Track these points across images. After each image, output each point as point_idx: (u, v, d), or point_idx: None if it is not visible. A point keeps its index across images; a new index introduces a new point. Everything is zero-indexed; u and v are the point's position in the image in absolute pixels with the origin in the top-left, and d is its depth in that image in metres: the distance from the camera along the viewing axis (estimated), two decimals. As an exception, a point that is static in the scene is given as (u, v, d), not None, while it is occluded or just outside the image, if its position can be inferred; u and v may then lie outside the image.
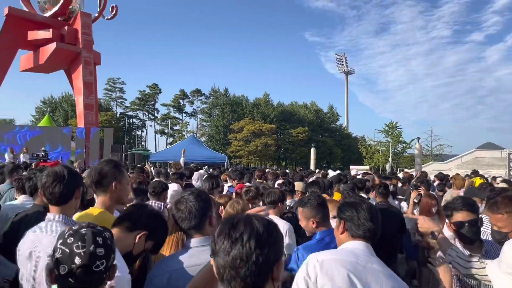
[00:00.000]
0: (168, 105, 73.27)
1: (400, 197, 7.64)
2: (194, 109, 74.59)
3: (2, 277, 2.51)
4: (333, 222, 2.52)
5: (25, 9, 26.93)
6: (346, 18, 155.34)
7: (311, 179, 7.63)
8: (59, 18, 26.89)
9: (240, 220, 1.19)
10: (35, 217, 2.85)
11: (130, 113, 73.72)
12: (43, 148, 19.99)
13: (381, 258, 1.94)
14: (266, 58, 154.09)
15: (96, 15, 28.88)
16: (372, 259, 1.87)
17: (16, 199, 4.18)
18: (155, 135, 76.26)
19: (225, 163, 29.16)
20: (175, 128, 74.01)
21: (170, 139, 71.04)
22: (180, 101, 73.32)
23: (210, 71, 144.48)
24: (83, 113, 25.24)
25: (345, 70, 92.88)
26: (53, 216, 2.20)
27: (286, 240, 3.70)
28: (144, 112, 74.48)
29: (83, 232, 1.38)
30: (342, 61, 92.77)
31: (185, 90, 73.29)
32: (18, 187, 4.08)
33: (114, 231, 1.95)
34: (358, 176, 9.54)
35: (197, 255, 1.96)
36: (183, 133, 70.50)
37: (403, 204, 7.08)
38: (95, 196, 2.61)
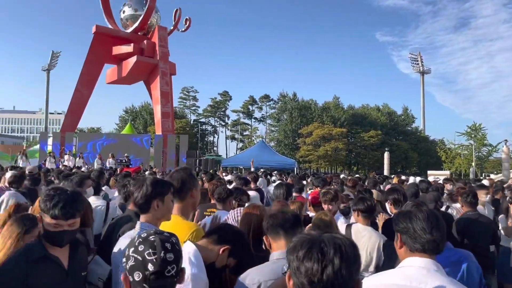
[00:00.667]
0: (238, 111, 75.10)
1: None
2: (263, 114, 75.64)
3: (97, 276, 2.69)
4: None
5: (110, 26, 29.43)
6: (421, 15, 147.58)
7: (387, 186, 7.18)
8: (139, 33, 28.97)
9: (327, 241, 1.17)
10: (125, 222, 3.11)
11: (203, 120, 76.72)
12: (126, 154, 21.55)
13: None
14: (335, 61, 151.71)
15: (172, 28, 30.62)
16: (430, 279, 1.65)
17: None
18: (226, 141, 78.57)
19: (295, 168, 29.00)
20: (244, 133, 75.50)
21: (240, 145, 72.62)
22: (250, 107, 74.70)
23: (278, 76, 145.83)
24: (161, 121, 26.79)
25: (421, 69, 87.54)
26: (139, 224, 2.31)
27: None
28: (216, 118, 77.02)
29: (152, 239, 1.42)
30: (417, 60, 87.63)
31: (254, 96, 74.66)
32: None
33: (202, 241, 2.07)
34: (438, 182, 8.85)
35: (275, 270, 1.95)
36: (252, 138, 71.63)
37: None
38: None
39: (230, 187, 5.31)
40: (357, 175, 15.69)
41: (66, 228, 2.15)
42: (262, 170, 21.10)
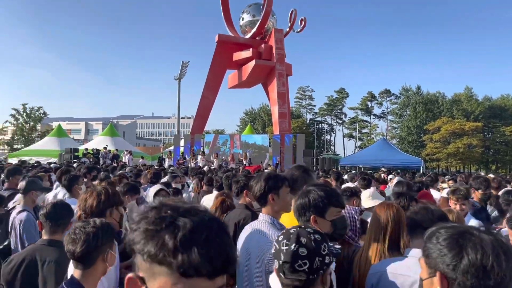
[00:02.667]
0: (355, 108, 72.80)
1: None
2: (383, 110, 71.81)
3: None
4: None
5: (230, 33, 31.39)
6: None
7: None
8: (257, 38, 30.25)
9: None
10: (238, 214, 3.56)
11: (319, 118, 76.41)
12: (248, 155, 22.73)
13: None
14: (464, 48, 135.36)
15: (287, 29, 31.21)
16: None
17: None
18: (343, 139, 76.86)
19: (421, 167, 26.79)
20: (363, 131, 72.80)
21: (359, 143, 70.26)
22: (368, 103, 71.74)
23: (399, 70, 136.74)
24: (278, 122, 27.51)
25: None
26: (263, 216, 2.49)
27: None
28: (332, 116, 75.96)
29: (292, 231, 1.47)
30: None
31: (373, 92, 71.43)
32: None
33: None
34: None
35: (412, 268, 1.88)
36: (372, 136, 68.66)
37: None
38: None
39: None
40: (493, 175, 13.73)
41: None
42: (383, 169, 20.05)
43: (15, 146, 47.82)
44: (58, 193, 5.19)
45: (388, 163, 25.68)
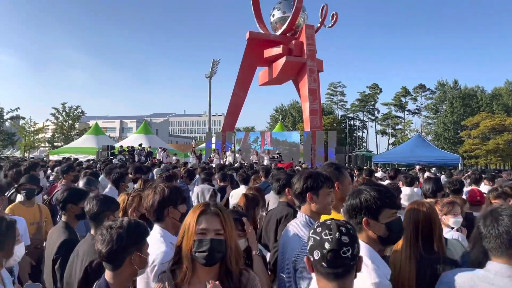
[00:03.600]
0: (389, 104, 71.08)
1: None
2: (417, 106, 69.76)
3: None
4: None
5: (261, 31, 31.37)
6: None
7: None
8: (287, 34, 30.09)
9: None
10: (280, 210, 3.66)
11: (351, 115, 75.25)
12: (277, 151, 22.73)
13: None
14: (504, 41, 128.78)
15: (318, 25, 30.84)
16: None
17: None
18: (376, 136, 75.27)
19: (458, 164, 25.83)
20: (396, 127, 71.04)
21: (392, 139, 68.61)
22: (402, 98, 69.85)
23: (434, 64, 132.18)
24: (309, 118, 27.28)
25: None
26: (300, 215, 2.53)
27: None
28: (365, 113, 74.60)
29: (329, 223, 1.58)
30: None
31: (407, 87, 69.46)
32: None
33: None
34: None
35: (496, 283, 1.72)
36: (406, 132, 66.87)
37: None
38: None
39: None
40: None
41: None
42: (418, 166, 19.50)
43: (55, 144, 49.93)
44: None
45: (424, 160, 24.94)
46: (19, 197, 4.41)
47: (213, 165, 13.82)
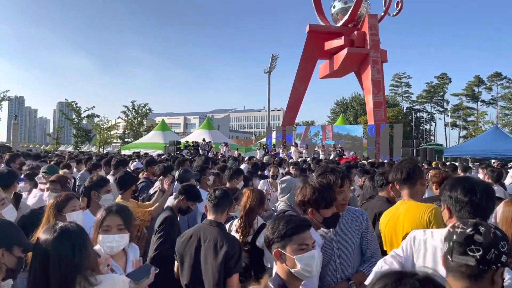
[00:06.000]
0: (459, 94, 66.50)
1: None
2: (493, 96, 64.40)
3: None
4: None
5: (321, 23, 30.80)
6: None
7: None
8: (349, 25, 29.26)
9: None
10: (378, 205, 3.66)
11: (417, 106, 71.59)
12: (340, 145, 22.21)
13: None
14: None
15: (382, 14, 29.57)
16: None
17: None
18: (445, 128, 70.74)
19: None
20: (468, 119, 66.18)
21: (464, 132, 64.06)
22: (475, 88, 64.93)
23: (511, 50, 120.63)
24: (373, 111, 26.35)
25: None
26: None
27: None
28: (432, 104, 70.55)
29: (471, 221, 1.49)
30: None
31: (481, 76, 64.34)
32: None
33: None
34: None
35: None
36: (479, 124, 62.06)
37: None
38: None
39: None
40: None
41: None
42: (494, 161, 18.07)
43: (126, 140, 53.40)
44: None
45: (503, 154, 22.93)
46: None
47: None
